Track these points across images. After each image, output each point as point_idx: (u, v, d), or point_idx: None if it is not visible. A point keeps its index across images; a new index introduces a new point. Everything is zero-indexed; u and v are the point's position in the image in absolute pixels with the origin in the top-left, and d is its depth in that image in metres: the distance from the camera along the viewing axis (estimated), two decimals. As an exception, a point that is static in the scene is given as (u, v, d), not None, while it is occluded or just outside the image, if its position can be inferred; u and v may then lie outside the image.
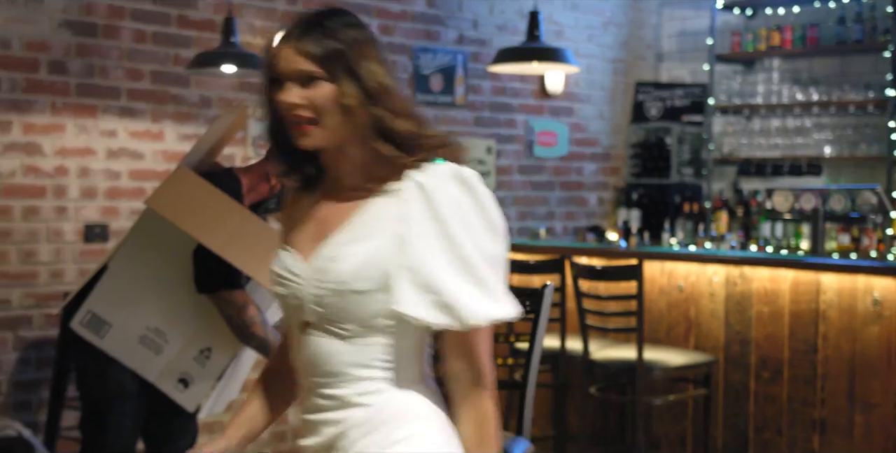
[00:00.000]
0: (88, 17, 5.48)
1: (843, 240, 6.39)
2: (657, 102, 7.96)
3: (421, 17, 6.81)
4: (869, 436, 4.73)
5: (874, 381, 4.73)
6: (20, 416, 5.23)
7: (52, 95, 5.38)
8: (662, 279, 5.49)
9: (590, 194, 7.84)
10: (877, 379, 4.74)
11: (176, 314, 3.86)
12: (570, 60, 5.54)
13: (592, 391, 5.25)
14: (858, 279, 4.75)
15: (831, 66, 7.43)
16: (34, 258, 5.35)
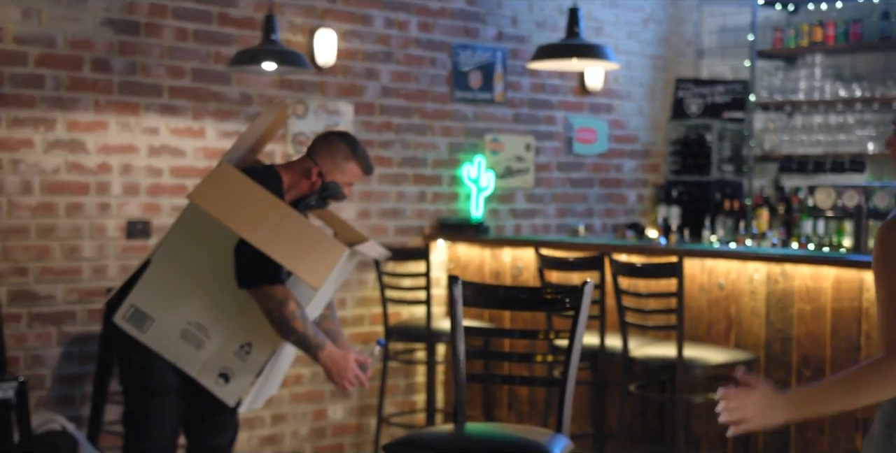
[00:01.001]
0: (131, 16, 5.52)
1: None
2: (697, 99, 7.93)
3: (460, 14, 6.81)
4: None
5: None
6: (64, 410, 5.28)
7: (95, 93, 5.43)
8: (703, 276, 5.47)
9: (629, 191, 7.83)
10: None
11: (217, 309, 3.88)
12: (610, 57, 5.53)
13: (632, 389, 5.25)
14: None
15: (875, 61, 7.38)
16: (77, 254, 5.40)
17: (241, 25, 5.85)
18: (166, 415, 4.02)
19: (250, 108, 5.88)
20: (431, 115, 6.69)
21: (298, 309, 3.80)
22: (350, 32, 6.30)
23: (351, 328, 6.24)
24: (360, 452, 6.34)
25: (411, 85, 6.59)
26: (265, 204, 3.76)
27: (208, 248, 3.87)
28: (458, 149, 6.82)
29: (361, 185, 6.23)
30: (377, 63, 6.43)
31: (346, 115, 6.28)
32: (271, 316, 3.78)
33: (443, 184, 6.76)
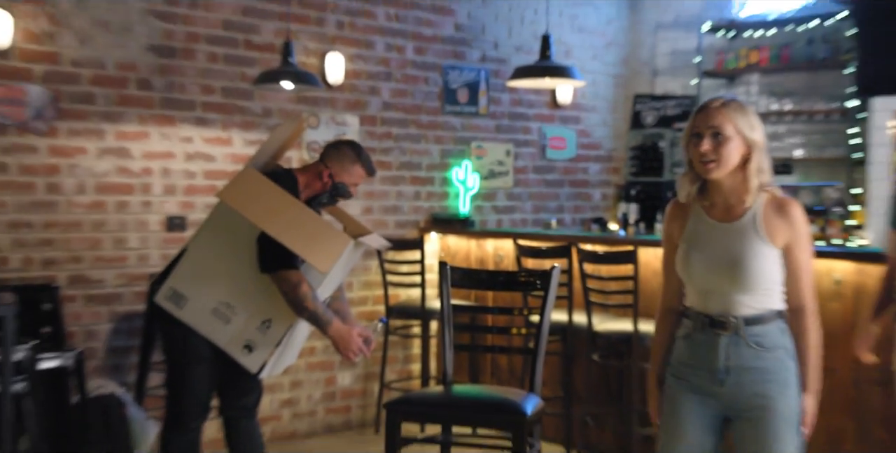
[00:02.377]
0: (169, 42, 5.54)
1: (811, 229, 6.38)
2: (652, 112, 7.94)
3: (450, 40, 6.83)
4: (831, 396, 4.74)
5: (835, 350, 4.71)
6: (114, 377, 5.31)
7: (139, 108, 5.44)
8: (655, 263, 5.48)
9: (594, 190, 7.85)
10: (837, 349, 4.73)
11: (242, 290, 3.91)
12: (577, 76, 5.55)
13: (595, 358, 5.27)
14: (822, 262, 4.74)
15: (801, 80, 7.40)
16: (125, 245, 5.42)
17: (262, 50, 5.87)
18: (201, 381, 4.05)
19: (271, 120, 5.90)
20: (425, 126, 6.71)
21: (310, 290, 3.83)
22: (356, 55, 6.32)
23: (357, 307, 6.27)
24: (365, 412, 6.36)
25: (408, 100, 6.61)
26: (282, 201, 3.79)
27: (235, 239, 3.90)
28: (448, 154, 6.84)
29: (365, 186, 6.25)
30: (379, 81, 6.46)
31: (352, 126, 6.30)
32: (287, 296, 3.81)
33: (435, 184, 6.78)
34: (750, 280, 2.82)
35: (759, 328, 2.84)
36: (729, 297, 2.86)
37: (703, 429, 2.92)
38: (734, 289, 2.85)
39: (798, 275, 2.85)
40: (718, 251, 2.87)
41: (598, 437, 5.62)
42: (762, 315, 2.84)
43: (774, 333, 2.85)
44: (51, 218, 5.17)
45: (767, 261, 2.82)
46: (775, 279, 2.84)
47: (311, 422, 6.16)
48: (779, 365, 2.83)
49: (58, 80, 5.17)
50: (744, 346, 2.84)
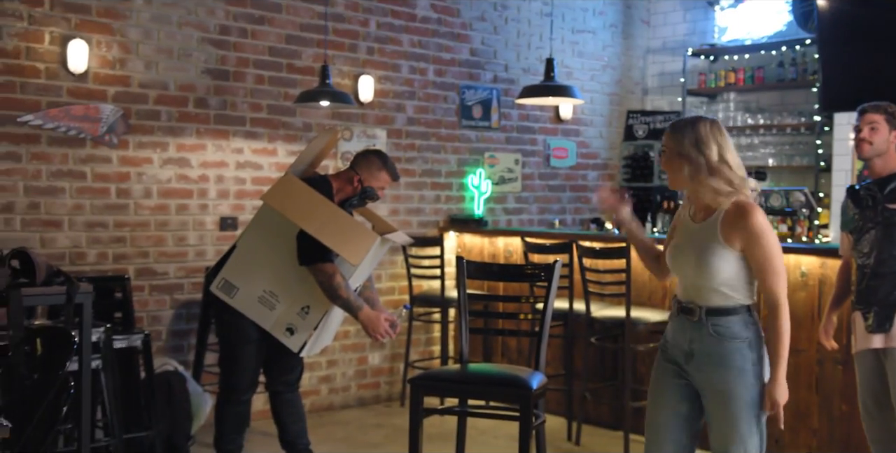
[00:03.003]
0: (223, 66, 5.57)
1: (782, 228, 6.34)
2: (643, 125, 7.94)
3: (466, 63, 6.84)
4: (797, 374, 4.73)
5: (801, 332, 4.72)
6: (175, 356, 5.34)
7: (196, 123, 5.48)
8: (645, 257, 5.49)
9: (592, 194, 7.84)
10: (803, 331, 4.74)
11: (284, 280, 3.93)
12: (577, 95, 5.53)
13: (593, 340, 5.26)
14: (790, 257, 4.73)
15: (773, 98, 7.38)
16: (184, 242, 5.46)
17: (303, 72, 5.90)
18: (249, 359, 4.07)
19: (310, 134, 5.92)
20: (444, 138, 6.72)
21: (343, 280, 3.85)
22: (384, 77, 6.34)
23: (385, 296, 6.28)
24: (391, 388, 6.38)
25: (429, 116, 6.62)
26: (318, 203, 3.81)
27: (277, 236, 3.92)
28: (465, 163, 6.85)
29: (392, 190, 6.27)
30: (404, 100, 6.47)
31: (381, 139, 6.32)
32: (323, 286, 3.83)
33: (453, 189, 6.79)
34: (707, 274, 2.83)
35: (721, 318, 2.84)
36: (695, 288, 2.90)
37: (678, 397, 2.96)
38: (698, 281, 2.87)
39: (760, 275, 2.83)
40: (686, 247, 2.92)
41: (596, 410, 5.62)
42: (725, 307, 2.84)
43: (736, 324, 2.83)
44: (122, 218, 5.21)
45: (723, 261, 2.82)
46: (735, 276, 2.83)
47: (345, 396, 6.18)
48: (737, 354, 2.83)
49: (127, 100, 5.21)
50: (706, 333, 2.86)
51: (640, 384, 5.42)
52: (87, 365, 3.43)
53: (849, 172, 6.39)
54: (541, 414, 3.77)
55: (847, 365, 4.47)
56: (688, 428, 2.98)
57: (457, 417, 4.01)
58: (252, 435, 5.10)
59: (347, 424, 5.72)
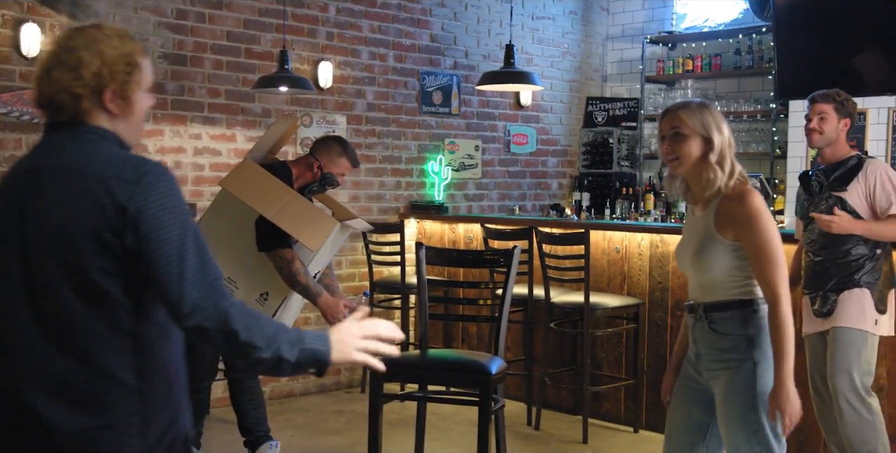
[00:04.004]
0: (180, 51, 5.50)
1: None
2: (602, 112, 7.97)
3: (426, 49, 6.82)
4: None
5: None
6: (132, 344, 5.27)
7: (154, 109, 5.39)
8: (604, 243, 5.52)
9: (552, 181, 7.87)
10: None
11: (243, 267, 3.90)
12: (537, 81, 5.54)
13: (552, 326, 5.28)
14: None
15: (730, 85, 7.45)
16: (141, 228, 5.38)
17: (262, 58, 5.85)
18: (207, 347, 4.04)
19: (269, 120, 5.87)
20: (405, 124, 6.70)
21: (302, 266, 3.83)
22: (344, 63, 6.30)
23: (345, 283, 6.26)
24: (352, 374, 6.36)
25: (389, 102, 6.60)
26: (277, 189, 3.79)
27: (236, 222, 3.89)
28: (425, 149, 6.84)
29: (352, 176, 6.24)
30: (364, 85, 6.44)
31: (340, 125, 6.29)
32: (282, 272, 3.81)
33: (413, 175, 6.77)
34: (703, 269, 2.67)
35: (719, 315, 2.67)
36: (696, 285, 2.75)
37: (691, 401, 2.79)
38: (697, 277, 2.73)
39: (754, 265, 2.61)
40: (686, 241, 2.77)
41: (555, 395, 5.65)
42: (723, 302, 2.66)
43: (733, 321, 2.65)
44: (76, 205, 5.13)
45: (717, 252, 2.64)
46: (732, 269, 2.64)
47: (305, 383, 6.16)
48: (733, 352, 2.65)
49: (81, 84, 5.12)
50: (707, 331, 2.70)
51: (599, 369, 5.47)
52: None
53: (803, 159, 6.47)
54: (500, 399, 3.78)
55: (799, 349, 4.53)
56: (701, 433, 2.78)
57: (417, 403, 4.01)
58: (211, 423, 5.07)
59: (307, 411, 5.70)
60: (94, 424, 1.78)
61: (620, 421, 5.40)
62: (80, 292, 1.78)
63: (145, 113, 1.99)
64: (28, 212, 1.81)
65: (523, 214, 7.22)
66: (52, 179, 1.82)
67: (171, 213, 1.82)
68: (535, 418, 5.34)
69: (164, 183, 1.84)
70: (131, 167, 1.83)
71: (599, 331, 5.22)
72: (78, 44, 1.87)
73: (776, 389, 2.56)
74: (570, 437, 5.15)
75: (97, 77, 1.86)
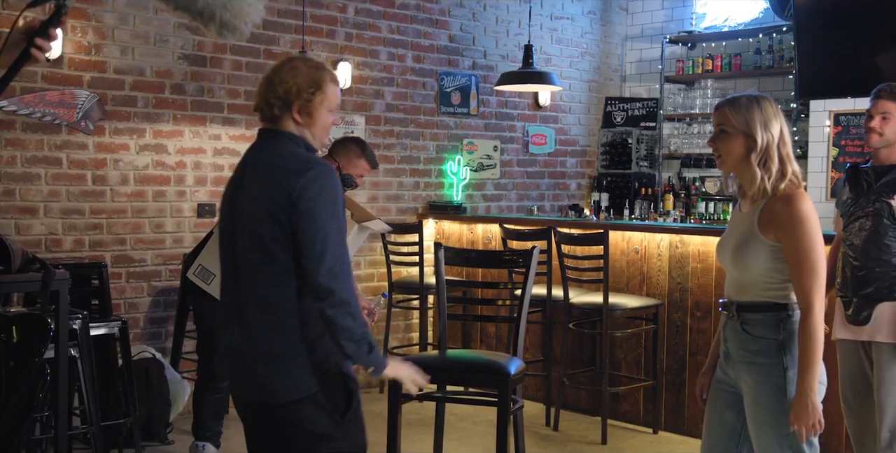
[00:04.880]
0: (200, 52, 5.53)
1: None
2: (621, 112, 7.96)
3: (444, 49, 6.83)
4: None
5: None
6: (153, 343, 5.32)
7: (174, 109, 5.44)
8: (623, 244, 5.51)
9: (570, 181, 7.86)
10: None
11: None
12: (556, 81, 5.56)
13: (571, 326, 5.27)
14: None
15: (750, 84, 7.41)
16: (162, 229, 5.43)
17: (281, 58, 5.84)
18: (227, 346, 4.06)
19: (289, 120, 5.88)
20: (423, 125, 6.71)
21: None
22: (363, 63, 6.31)
23: (364, 283, 6.28)
24: (371, 373, 6.37)
25: (408, 102, 6.61)
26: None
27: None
28: (443, 150, 6.84)
29: (370, 177, 6.25)
30: (382, 86, 6.45)
31: (359, 125, 6.30)
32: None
33: (432, 176, 6.78)
34: (741, 267, 2.63)
35: (751, 315, 2.62)
36: (732, 282, 2.70)
37: (724, 404, 2.75)
38: (734, 275, 2.69)
39: (792, 271, 2.55)
40: (727, 238, 2.73)
41: (574, 395, 5.65)
42: (757, 303, 2.61)
43: (765, 324, 2.60)
44: (98, 205, 5.17)
45: (757, 251, 2.58)
46: (770, 271, 2.59)
47: (324, 382, 6.16)
48: (762, 356, 2.60)
49: (103, 86, 5.16)
50: (739, 331, 2.65)
51: (618, 369, 5.46)
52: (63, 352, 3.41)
53: (825, 159, 6.44)
54: (519, 400, 3.78)
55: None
56: (735, 437, 2.72)
57: (435, 403, 4.02)
58: (231, 422, 5.09)
59: (326, 410, 5.70)
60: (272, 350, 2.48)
61: (640, 422, 5.39)
62: (260, 252, 2.45)
63: (329, 125, 2.64)
64: (238, 192, 2.56)
65: (542, 215, 7.22)
66: (253, 169, 2.56)
67: (326, 201, 2.41)
68: (553, 419, 5.33)
69: (324, 177, 2.45)
70: (302, 163, 2.46)
71: (618, 332, 5.21)
72: (283, 69, 2.62)
73: (797, 400, 2.51)
74: (589, 438, 5.14)
75: (287, 93, 2.55)
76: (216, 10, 2.16)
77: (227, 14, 2.18)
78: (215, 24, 2.18)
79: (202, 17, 2.18)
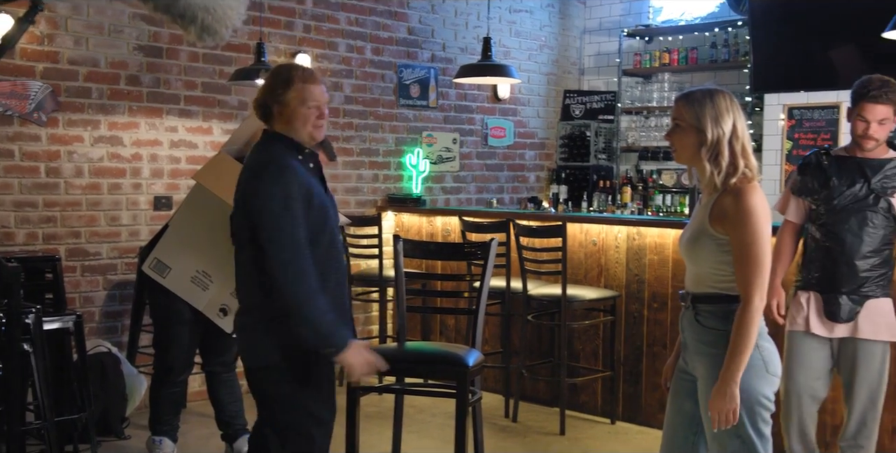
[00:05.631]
0: (156, 43, 5.46)
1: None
2: (580, 105, 7.98)
3: (403, 42, 6.80)
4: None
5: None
6: (109, 338, 5.26)
7: (129, 101, 5.37)
8: (581, 236, 5.53)
9: (529, 173, 7.88)
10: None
11: (217, 260, 3.88)
12: (514, 74, 5.54)
13: (530, 318, 5.28)
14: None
15: (706, 78, 7.47)
16: (118, 221, 5.36)
17: (238, 50, 5.81)
18: (183, 340, 4.03)
19: (246, 112, 5.83)
20: (382, 117, 6.68)
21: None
22: (321, 55, 6.27)
23: (324, 275, 6.24)
24: (331, 366, 6.35)
25: (367, 94, 6.58)
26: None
27: (210, 216, 3.86)
28: (402, 142, 6.82)
29: (329, 170, 6.18)
30: (341, 78, 6.41)
31: (318, 118, 6.25)
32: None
33: (391, 168, 6.76)
34: (694, 259, 2.66)
35: (704, 307, 2.65)
36: (690, 274, 2.73)
37: (684, 393, 2.76)
38: (689, 266, 2.71)
39: (735, 263, 2.57)
40: (687, 228, 2.74)
41: (532, 387, 5.67)
42: (709, 295, 2.64)
43: (716, 315, 2.62)
44: (52, 198, 5.10)
45: (707, 244, 2.61)
46: (720, 264, 2.60)
47: (283, 375, 6.14)
48: (714, 346, 2.61)
49: (57, 77, 5.08)
50: (693, 322, 2.68)
51: (576, 361, 5.49)
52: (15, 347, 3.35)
53: (779, 152, 6.51)
54: (477, 391, 3.78)
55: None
56: (693, 425, 2.73)
57: (394, 395, 4.01)
58: (188, 416, 5.05)
59: (285, 404, 5.67)
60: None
61: (597, 412, 5.42)
62: (237, 240, 2.90)
63: (308, 117, 2.90)
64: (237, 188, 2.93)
65: (501, 207, 7.23)
66: (244, 167, 2.94)
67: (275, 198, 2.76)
68: (512, 410, 5.35)
69: (270, 178, 2.79)
70: (259, 166, 2.84)
71: (576, 324, 5.23)
72: (272, 73, 2.93)
73: (718, 386, 2.55)
74: (548, 429, 5.17)
75: (263, 95, 2.89)
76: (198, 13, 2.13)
77: (210, 18, 2.16)
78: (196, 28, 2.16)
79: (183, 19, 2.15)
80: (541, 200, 7.45)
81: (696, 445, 2.75)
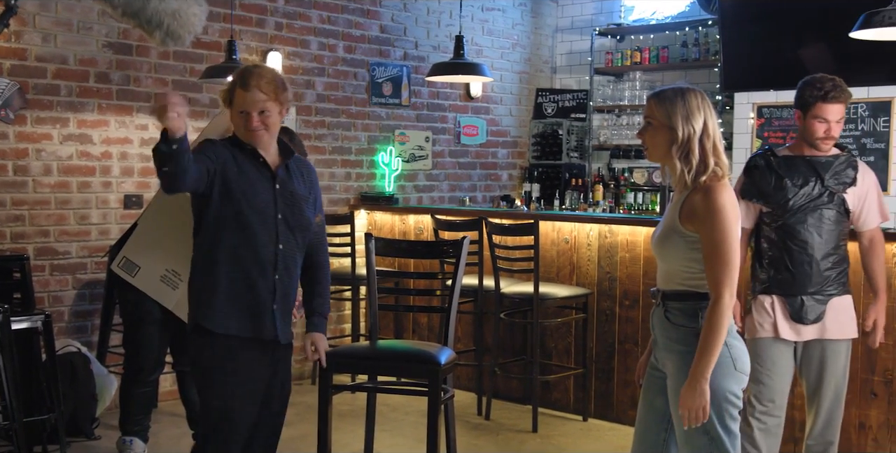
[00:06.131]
0: (125, 40, 5.41)
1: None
2: (552, 104, 8.00)
3: (375, 40, 6.78)
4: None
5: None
6: (79, 337, 5.21)
7: (98, 98, 5.32)
8: (553, 234, 5.54)
9: (502, 172, 7.88)
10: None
11: (187, 259, 3.84)
12: (487, 73, 5.53)
13: (502, 316, 5.30)
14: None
15: (677, 77, 7.50)
16: (87, 220, 5.31)
17: (209, 48, 5.77)
18: (153, 339, 4.00)
19: (216, 110, 5.79)
20: (354, 115, 6.66)
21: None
22: (293, 53, 6.24)
23: (296, 274, 6.21)
24: (303, 366, 6.33)
25: (339, 93, 6.56)
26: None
27: (179, 214, 3.82)
28: (375, 140, 6.81)
29: (302, 168, 6.18)
30: (313, 76, 6.38)
31: (290, 116, 6.23)
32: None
33: (363, 167, 6.74)
34: (664, 256, 2.68)
35: (673, 304, 2.66)
36: (661, 271, 2.74)
37: (655, 390, 2.77)
38: (660, 263, 2.73)
39: (705, 261, 2.57)
40: (659, 225, 2.75)
41: (505, 384, 5.67)
42: (678, 292, 2.65)
43: (685, 312, 2.63)
44: (20, 196, 5.04)
45: (676, 242, 2.62)
46: (688, 260, 2.61)
47: (256, 375, 6.11)
48: (682, 343, 2.63)
49: (25, 74, 5.02)
50: (662, 319, 2.70)
51: (549, 358, 5.50)
52: (-17, 347, 3.31)
53: (748, 150, 6.55)
54: (450, 389, 3.78)
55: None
56: (664, 421, 2.75)
57: (367, 394, 4.00)
58: (159, 416, 5.02)
59: (258, 403, 5.65)
60: None
61: (570, 409, 5.44)
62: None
63: (239, 122, 3.06)
64: None
65: (473, 205, 7.23)
66: None
67: None
68: (485, 408, 5.35)
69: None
70: None
71: (548, 321, 5.25)
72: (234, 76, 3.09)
73: (687, 383, 2.55)
74: (520, 426, 5.18)
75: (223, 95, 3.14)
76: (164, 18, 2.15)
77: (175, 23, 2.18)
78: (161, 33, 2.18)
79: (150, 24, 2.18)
80: (513, 198, 7.46)
81: (667, 442, 2.77)
